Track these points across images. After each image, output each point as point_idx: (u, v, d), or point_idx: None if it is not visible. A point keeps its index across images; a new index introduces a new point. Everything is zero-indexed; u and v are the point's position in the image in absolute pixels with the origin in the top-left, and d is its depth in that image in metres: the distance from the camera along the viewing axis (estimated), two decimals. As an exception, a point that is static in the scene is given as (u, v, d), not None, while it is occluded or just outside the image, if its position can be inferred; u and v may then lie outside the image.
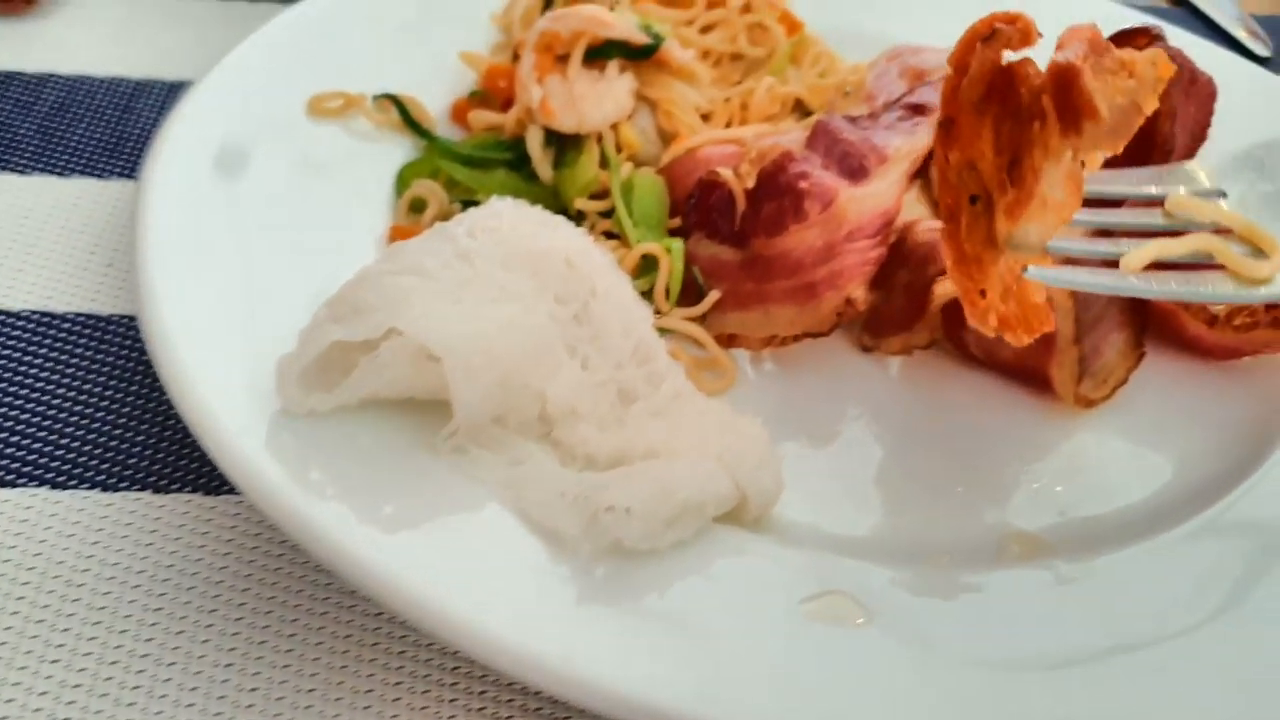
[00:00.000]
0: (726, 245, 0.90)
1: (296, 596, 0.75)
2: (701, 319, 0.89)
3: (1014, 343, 0.72)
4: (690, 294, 0.90)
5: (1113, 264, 0.77)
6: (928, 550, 0.74)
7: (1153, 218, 0.81)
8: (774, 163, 0.86)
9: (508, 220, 0.82)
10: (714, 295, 0.89)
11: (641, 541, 0.66)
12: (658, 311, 0.88)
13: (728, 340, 0.88)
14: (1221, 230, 0.80)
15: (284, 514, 0.66)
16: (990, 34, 0.72)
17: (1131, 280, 0.75)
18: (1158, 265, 0.78)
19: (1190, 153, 0.96)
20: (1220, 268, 0.77)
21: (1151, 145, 0.90)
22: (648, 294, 0.89)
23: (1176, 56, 0.93)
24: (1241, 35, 1.44)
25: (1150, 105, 0.72)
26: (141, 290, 0.77)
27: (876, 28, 1.20)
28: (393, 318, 0.69)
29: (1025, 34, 0.72)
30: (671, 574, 0.68)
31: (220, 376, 0.73)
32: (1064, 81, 0.71)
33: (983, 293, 0.72)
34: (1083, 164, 0.72)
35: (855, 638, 0.66)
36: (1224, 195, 0.83)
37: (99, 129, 1.10)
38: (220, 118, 0.94)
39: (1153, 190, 0.83)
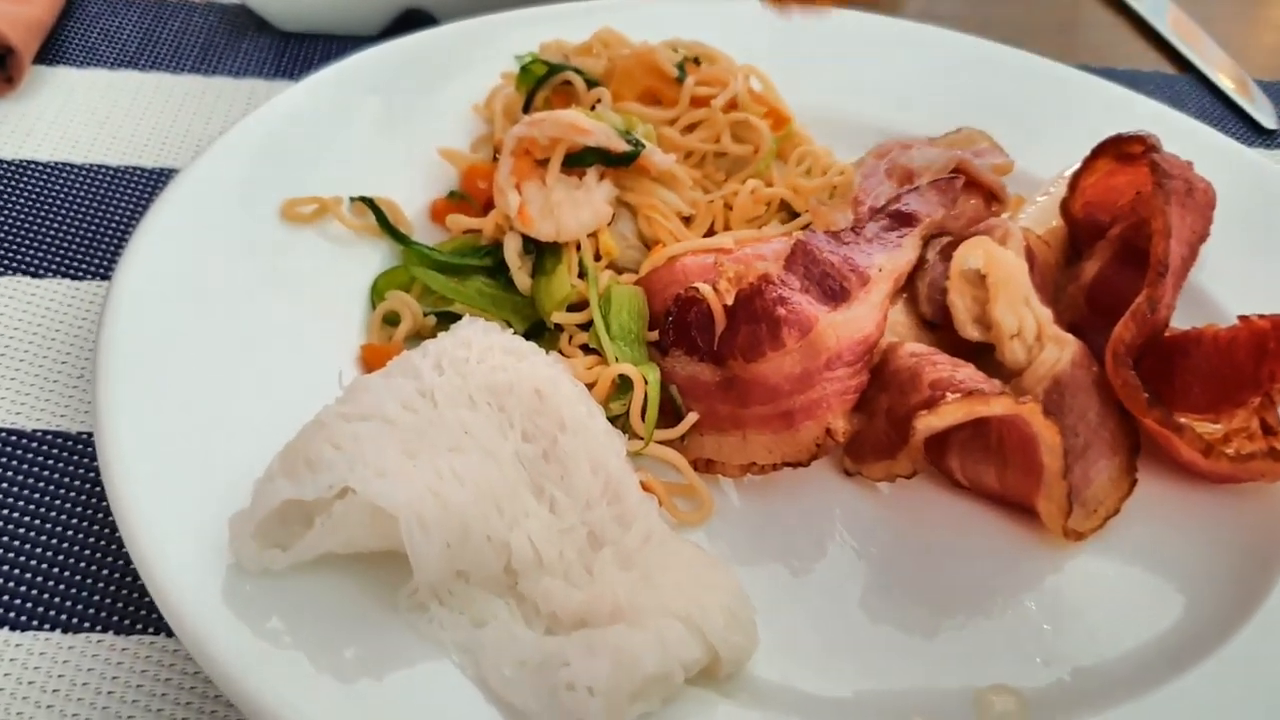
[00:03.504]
0: (705, 364, 0.87)
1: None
2: (679, 441, 0.87)
3: None
4: (668, 413, 0.87)
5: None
6: (903, 709, 0.72)
7: None
8: (751, 286, 0.84)
9: (476, 350, 0.80)
10: (692, 417, 0.86)
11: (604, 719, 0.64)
12: (634, 436, 0.85)
13: (705, 465, 0.86)
14: None
15: (229, 685, 0.64)
16: None
17: None
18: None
19: (1188, 264, 0.93)
20: None
21: (1145, 266, 0.87)
22: (624, 415, 0.86)
23: (1175, 167, 0.91)
24: (1246, 104, 1.40)
25: None
26: (100, 429, 0.76)
27: (871, 116, 1.18)
28: (345, 475, 0.67)
29: None
30: (638, 744, 0.66)
31: (176, 522, 0.72)
32: None
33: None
34: None
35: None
36: None
37: (76, 222, 1.09)
38: (191, 227, 0.92)
39: None
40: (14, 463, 0.87)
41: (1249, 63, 1.53)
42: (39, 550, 0.82)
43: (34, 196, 1.11)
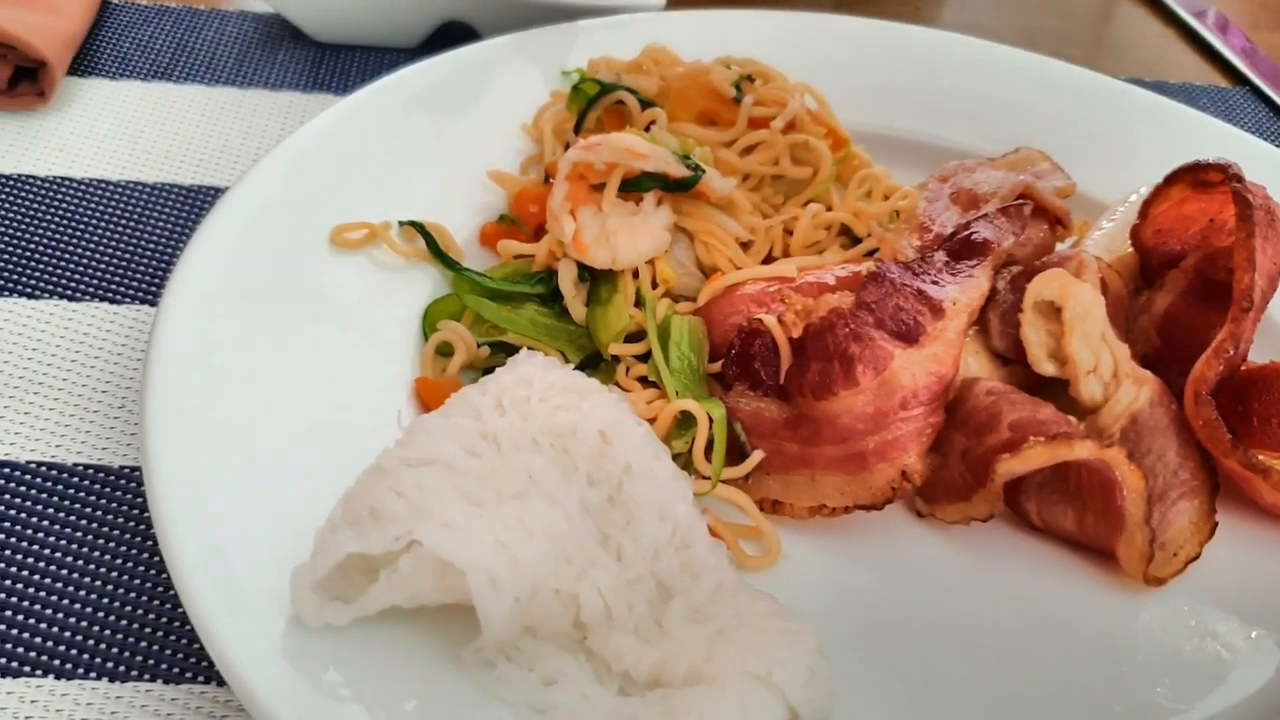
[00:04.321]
0: (770, 399, 0.84)
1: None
2: (744, 480, 0.84)
3: None
4: (730, 450, 0.84)
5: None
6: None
7: None
8: (823, 320, 0.81)
9: (537, 388, 0.77)
10: (757, 455, 0.83)
11: (685, 787, 0.61)
12: (698, 476, 0.82)
13: (771, 506, 0.83)
14: None
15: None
16: None
17: None
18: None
19: (1268, 297, 0.89)
20: None
21: (1221, 298, 0.84)
22: (686, 453, 0.83)
23: (1256, 196, 0.87)
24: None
25: None
26: (149, 468, 0.73)
27: (920, 133, 1.15)
28: (412, 528, 0.65)
29: None
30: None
31: (229, 565, 0.69)
32: None
33: None
34: None
35: None
36: None
37: (113, 243, 1.06)
38: (237, 253, 0.89)
39: None
40: (54, 499, 0.84)
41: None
42: (83, 594, 0.79)
43: (69, 216, 1.08)
